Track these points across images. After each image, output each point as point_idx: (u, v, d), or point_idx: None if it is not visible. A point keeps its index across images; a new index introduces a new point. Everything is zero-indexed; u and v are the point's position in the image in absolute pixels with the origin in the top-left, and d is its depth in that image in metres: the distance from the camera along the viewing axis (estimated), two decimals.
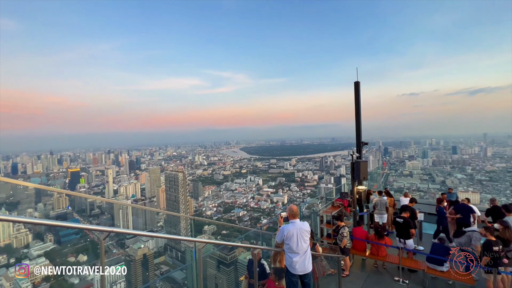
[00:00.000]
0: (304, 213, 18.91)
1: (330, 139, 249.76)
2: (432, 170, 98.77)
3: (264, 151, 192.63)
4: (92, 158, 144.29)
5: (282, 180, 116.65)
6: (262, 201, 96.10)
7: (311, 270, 4.50)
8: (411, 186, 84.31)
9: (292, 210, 4.50)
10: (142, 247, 59.60)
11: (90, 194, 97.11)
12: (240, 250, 13.17)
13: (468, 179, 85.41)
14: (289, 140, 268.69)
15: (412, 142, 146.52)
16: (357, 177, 10.19)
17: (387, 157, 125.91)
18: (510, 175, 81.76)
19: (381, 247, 7.61)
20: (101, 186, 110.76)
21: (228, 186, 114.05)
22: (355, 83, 11.30)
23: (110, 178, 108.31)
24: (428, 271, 6.73)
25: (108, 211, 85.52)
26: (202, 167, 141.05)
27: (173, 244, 63.71)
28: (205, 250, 10.89)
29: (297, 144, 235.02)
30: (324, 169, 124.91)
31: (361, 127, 11.24)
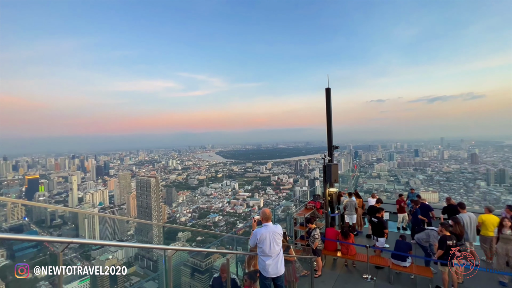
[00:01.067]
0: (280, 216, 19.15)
1: (304, 143, 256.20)
2: (397, 172, 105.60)
3: (240, 155, 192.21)
4: (54, 164, 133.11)
5: (258, 183, 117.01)
6: (238, 206, 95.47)
7: (283, 272, 4.57)
8: (379, 187, 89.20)
9: (265, 213, 4.55)
10: (110, 258, 55.97)
11: (51, 203, 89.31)
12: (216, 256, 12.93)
13: (428, 179, 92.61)
14: (265, 144, 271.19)
15: (379, 146, 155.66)
16: (329, 180, 10.59)
17: (357, 160, 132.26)
18: (463, 176, 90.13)
19: (350, 247, 7.95)
20: (64, 194, 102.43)
21: (204, 191, 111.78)
22: (326, 89, 11.79)
23: (75, 185, 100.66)
24: (393, 267, 7.16)
25: (72, 220, 79.26)
26: (176, 172, 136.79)
27: (144, 253, 60.69)
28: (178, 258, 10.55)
29: (273, 148, 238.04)
30: (299, 172, 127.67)
31: (332, 132, 11.72)
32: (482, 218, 7.92)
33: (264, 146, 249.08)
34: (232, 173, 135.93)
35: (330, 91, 11.75)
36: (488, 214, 7.99)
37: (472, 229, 7.86)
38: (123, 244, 3.10)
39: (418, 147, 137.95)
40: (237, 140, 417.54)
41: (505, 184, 79.21)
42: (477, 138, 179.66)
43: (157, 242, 62.60)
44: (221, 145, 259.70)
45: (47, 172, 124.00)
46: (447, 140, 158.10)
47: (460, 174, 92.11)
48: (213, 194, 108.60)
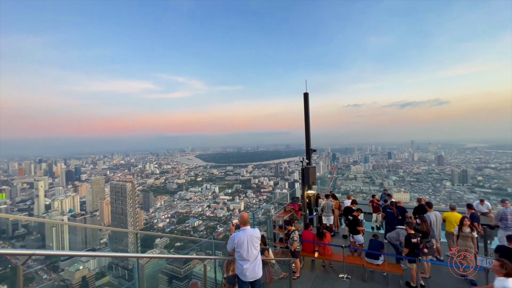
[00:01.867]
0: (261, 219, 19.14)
1: (284, 145, 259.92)
2: (372, 174, 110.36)
3: (220, 158, 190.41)
4: (17, 169, 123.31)
5: (238, 187, 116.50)
6: (218, 209, 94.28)
7: (261, 276, 4.60)
8: (355, 188, 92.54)
9: (243, 217, 4.56)
10: (81, 268, 52.58)
11: (13, 211, 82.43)
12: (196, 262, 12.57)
13: (400, 180, 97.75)
14: (246, 147, 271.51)
15: (356, 149, 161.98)
16: (307, 182, 10.82)
17: (335, 162, 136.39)
18: (431, 176, 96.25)
19: (327, 247, 8.17)
20: (28, 201, 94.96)
21: (183, 195, 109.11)
22: (304, 94, 12.07)
23: (41, 191, 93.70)
24: (367, 265, 7.45)
25: (38, 230, 73.64)
26: (154, 176, 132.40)
27: (118, 262, 57.80)
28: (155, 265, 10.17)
29: (253, 151, 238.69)
30: (279, 175, 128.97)
31: (310, 135, 12.00)
32: (446, 216, 8.56)
33: (244, 149, 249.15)
34: (212, 177, 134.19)
35: (308, 95, 12.03)
36: (451, 212, 8.63)
37: (438, 227, 8.41)
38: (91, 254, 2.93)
39: (391, 149, 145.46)
40: (218, 143, 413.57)
41: (467, 183, 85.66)
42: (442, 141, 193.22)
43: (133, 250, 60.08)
44: (201, 148, 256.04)
45: (9, 178, 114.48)
46: (416, 143, 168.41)
47: (428, 175, 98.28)
48: (192, 198, 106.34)
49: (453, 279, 7.23)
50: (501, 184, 79.92)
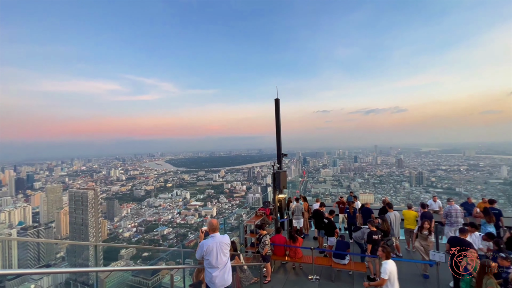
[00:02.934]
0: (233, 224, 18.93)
1: (257, 150, 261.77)
2: (340, 177, 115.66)
3: (192, 163, 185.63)
4: None
5: (210, 192, 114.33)
6: (189, 216, 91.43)
7: (230, 283, 4.55)
8: (325, 191, 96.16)
9: (212, 224, 4.48)
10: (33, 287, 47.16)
11: None
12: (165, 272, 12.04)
13: (365, 183, 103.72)
14: (218, 151, 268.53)
15: (325, 153, 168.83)
16: (278, 186, 10.99)
17: (306, 166, 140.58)
18: (392, 178, 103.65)
19: (297, 250, 8.34)
20: None
21: (151, 202, 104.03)
22: (276, 100, 12.32)
23: None
24: (334, 265, 7.75)
25: None
26: (120, 183, 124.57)
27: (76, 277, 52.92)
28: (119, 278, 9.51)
29: (226, 155, 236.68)
30: (252, 179, 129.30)
31: (281, 140, 12.26)
32: (404, 214, 9.35)
33: (217, 154, 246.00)
34: (183, 182, 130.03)
35: (279, 101, 12.30)
36: (408, 210, 9.42)
37: (397, 226, 9.08)
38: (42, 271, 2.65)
39: (357, 153, 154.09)
40: (189, 148, 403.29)
41: (423, 184, 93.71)
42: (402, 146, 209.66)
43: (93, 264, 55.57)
44: (172, 153, 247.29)
45: None
46: (379, 147, 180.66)
47: (390, 177, 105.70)
48: (162, 205, 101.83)
49: (410, 274, 7.82)
50: (451, 184, 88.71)
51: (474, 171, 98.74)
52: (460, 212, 9.24)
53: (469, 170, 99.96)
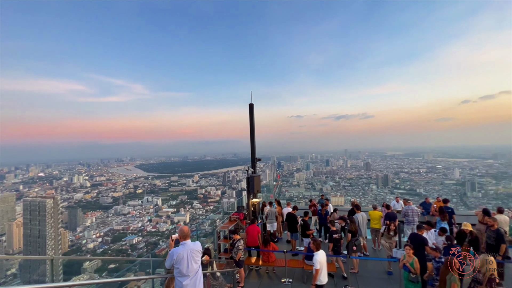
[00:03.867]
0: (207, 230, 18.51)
1: (232, 154, 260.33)
2: (313, 180, 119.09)
3: (164, 168, 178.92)
4: None
5: (184, 198, 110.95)
6: (161, 223, 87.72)
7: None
8: (298, 194, 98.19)
9: (183, 231, 4.36)
10: None
11: None
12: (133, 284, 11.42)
13: (336, 185, 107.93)
14: (192, 156, 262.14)
15: (299, 157, 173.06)
16: (252, 191, 11.06)
17: (280, 170, 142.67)
18: (361, 181, 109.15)
19: (270, 254, 8.41)
20: None
21: (119, 210, 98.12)
22: (250, 105, 12.45)
23: None
24: (306, 267, 7.93)
25: None
26: (84, 190, 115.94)
27: None
28: None
29: (200, 160, 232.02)
30: (227, 184, 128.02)
31: (255, 145, 12.37)
32: (370, 214, 9.92)
33: (191, 158, 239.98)
34: (154, 188, 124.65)
35: (253, 106, 12.44)
36: (374, 210, 10.01)
37: (364, 226, 9.57)
38: None
39: (328, 157, 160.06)
40: (161, 152, 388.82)
41: (388, 186, 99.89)
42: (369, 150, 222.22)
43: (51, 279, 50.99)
44: (142, 158, 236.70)
45: None
46: (349, 151, 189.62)
47: (359, 180, 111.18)
48: (131, 212, 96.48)
49: (376, 271, 8.27)
50: (412, 185, 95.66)
51: (432, 173, 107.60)
52: (416, 212, 10.03)
53: (428, 172, 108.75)
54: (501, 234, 7.27)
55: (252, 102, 12.37)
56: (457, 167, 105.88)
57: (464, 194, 76.03)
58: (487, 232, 7.61)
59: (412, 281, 5.96)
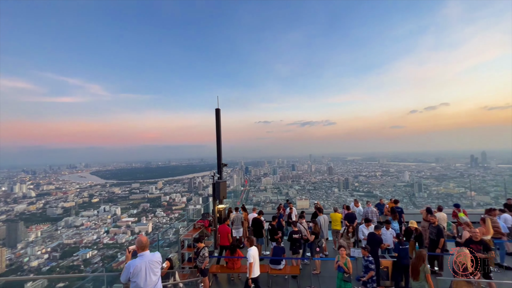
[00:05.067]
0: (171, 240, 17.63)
1: (199, 159, 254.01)
2: (280, 185, 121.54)
3: (124, 175, 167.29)
4: None
5: (146, 206, 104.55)
6: (120, 234, 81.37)
7: None
8: (265, 199, 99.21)
9: (141, 241, 4.11)
10: None
11: None
12: None
13: (302, 189, 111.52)
14: (156, 161, 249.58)
15: (266, 162, 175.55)
16: (217, 197, 10.90)
17: (248, 175, 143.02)
18: (324, 185, 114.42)
19: (235, 260, 8.35)
20: None
21: (71, 221, 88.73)
22: (216, 109, 12.36)
23: None
24: (271, 271, 8.03)
25: None
26: (27, 200, 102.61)
27: None
28: None
29: (165, 165, 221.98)
30: (193, 190, 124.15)
31: (222, 150, 12.27)
32: (331, 216, 10.44)
33: (154, 164, 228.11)
34: (113, 196, 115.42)
35: (220, 111, 12.38)
36: (335, 213, 10.56)
37: (326, 228, 10.04)
38: None
39: (294, 162, 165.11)
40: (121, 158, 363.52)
41: (348, 189, 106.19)
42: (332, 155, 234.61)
43: None
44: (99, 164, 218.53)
45: None
46: (313, 156, 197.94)
47: (322, 183, 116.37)
48: (85, 224, 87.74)
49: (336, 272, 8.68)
50: (369, 188, 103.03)
51: (386, 176, 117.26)
52: (375, 212, 10.84)
53: (383, 176, 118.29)
54: (440, 229, 8.20)
55: (218, 107, 12.32)
56: (407, 170, 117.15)
57: (413, 194, 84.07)
58: (429, 229, 8.52)
59: (346, 280, 6.46)
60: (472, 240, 6.77)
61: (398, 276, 7.20)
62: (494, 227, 8.56)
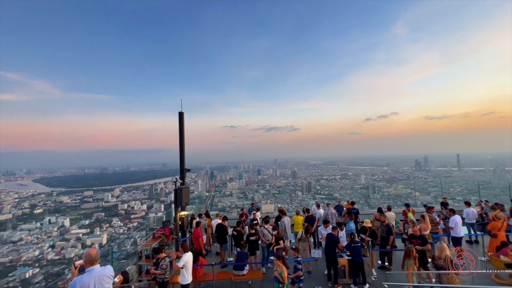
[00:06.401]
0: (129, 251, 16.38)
1: (161, 165, 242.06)
2: (246, 189, 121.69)
3: (74, 182, 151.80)
4: None
5: (100, 215, 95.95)
6: (68, 248, 73.20)
7: None
8: (231, 204, 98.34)
9: (90, 255, 3.74)
10: None
11: None
12: None
13: (267, 193, 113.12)
14: (113, 166, 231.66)
15: (232, 166, 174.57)
16: (180, 203, 10.49)
17: (213, 180, 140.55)
18: (289, 188, 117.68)
19: (197, 269, 8.09)
20: None
21: (6, 237, 77.27)
22: (180, 113, 11.97)
23: None
24: (234, 278, 7.94)
25: None
26: None
27: None
28: None
29: (123, 171, 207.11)
30: (154, 197, 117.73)
31: (185, 155, 11.89)
32: (294, 219, 10.75)
33: (111, 170, 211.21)
34: (60, 206, 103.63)
35: (183, 115, 12.01)
36: (297, 215, 10.89)
37: (289, 230, 10.30)
38: None
39: (259, 167, 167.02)
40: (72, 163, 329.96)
41: (311, 192, 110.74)
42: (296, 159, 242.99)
43: None
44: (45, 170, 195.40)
45: None
46: (278, 161, 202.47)
47: (287, 187, 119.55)
48: (24, 239, 77.06)
49: None
50: (330, 191, 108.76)
51: (345, 179, 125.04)
52: (334, 214, 11.44)
53: (342, 179, 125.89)
54: (390, 228, 8.98)
55: (182, 110, 11.93)
56: (363, 174, 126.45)
57: (368, 196, 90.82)
58: (380, 227, 9.28)
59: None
60: (413, 235, 7.59)
61: (354, 273, 7.68)
62: (432, 222, 9.71)
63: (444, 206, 12.24)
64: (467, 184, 70.37)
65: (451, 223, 9.25)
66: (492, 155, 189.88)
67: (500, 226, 8.48)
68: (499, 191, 25.07)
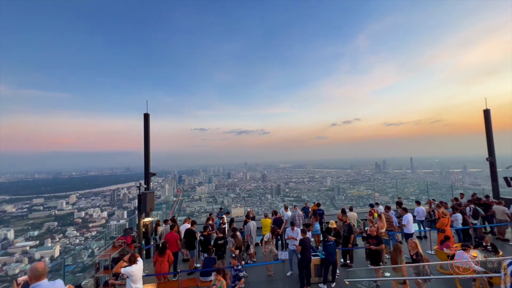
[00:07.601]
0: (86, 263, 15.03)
1: (124, 169, 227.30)
2: (215, 193, 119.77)
3: (21, 188, 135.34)
4: None
5: (52, 225, 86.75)
6: (11, 264, 64.82)
7: None
8: (200, 208, 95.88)
9: (36, 270, 3.37)
10: None
11: None
12: None
13: (237, 197, 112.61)
14: (68, 171, 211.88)
15: (201, 170, 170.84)
16: (144, 209, 10.00)
17: (181, 184, 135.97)
18: (259, 192, 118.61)
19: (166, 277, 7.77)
20: None
21: None
22: (145, 114, 11.48)
23: None
24: (201, 284, 7.76)
25: None
26: None
27: None
28: None
29: (80, 176, 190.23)
30: (116, 203, 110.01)
31: (150, 158, 11.40)
32: (262, 222, 10.86)
33: (66, 175, 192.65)
34: (3, 216, 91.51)
35: (149, 116, 11.59)
36: (265, 218, 11.03)
37: (254, 233, 10.38)
38: None
39: (230, 170, 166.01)
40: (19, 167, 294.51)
41: (280, 195, 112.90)
42: (266, 163, 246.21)
43: None
44: None
45: None
46: (249, 164, 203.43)
47: (257, 190, 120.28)
48: None
49: (264, 275, 9.04)
50: (298, 193, 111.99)
51: (312, 182, 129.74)
52: (301, 216, 11.79)
53: (309, 181, 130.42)
54: (351, 227, 9.54)
55: (148, 111, 11.51)
56: (328, 176, 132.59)
57: (333, 197, 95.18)
58: (343, 227, 9.80)
59: None
60: (370, 235, 8.18)
61: (325, 272, 7.99)
62: (388, 221, 10.59)
63: (399, 206, 13.37)
64: (419, 185, 77.56)
65: (404, 220, 10.15)
66: (439, 158, 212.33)
67: (447, 222, 9.55)
68: (444, 190, 28.27)
